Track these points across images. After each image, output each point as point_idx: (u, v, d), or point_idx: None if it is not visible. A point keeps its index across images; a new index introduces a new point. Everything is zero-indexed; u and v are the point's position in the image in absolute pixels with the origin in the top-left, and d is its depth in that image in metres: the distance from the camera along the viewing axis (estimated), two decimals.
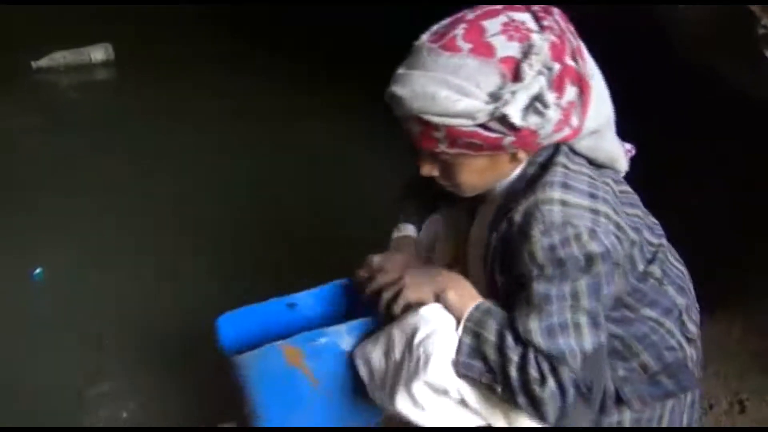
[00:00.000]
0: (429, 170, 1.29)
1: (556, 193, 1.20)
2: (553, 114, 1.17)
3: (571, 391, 1.17)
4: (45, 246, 2.46)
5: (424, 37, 1.22)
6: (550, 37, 1.17)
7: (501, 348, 1.20)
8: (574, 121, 1.21)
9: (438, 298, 1.30)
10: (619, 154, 1.32)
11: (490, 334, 1.22)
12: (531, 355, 1.18)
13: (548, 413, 1.18)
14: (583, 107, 1.20)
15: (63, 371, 1.99)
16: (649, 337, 1.28)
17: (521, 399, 1.19)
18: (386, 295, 1.35)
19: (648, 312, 1.29)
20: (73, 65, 3.81)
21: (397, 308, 1.33)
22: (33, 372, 1.99)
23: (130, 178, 2.87)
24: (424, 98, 1.17)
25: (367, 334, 1.43)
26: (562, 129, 1.20)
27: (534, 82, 1.15)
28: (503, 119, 1.15)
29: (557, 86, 1.17)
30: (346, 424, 1.55)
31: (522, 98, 1.15)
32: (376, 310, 1.39)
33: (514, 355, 1.19)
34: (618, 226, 1.23)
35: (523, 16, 1.20)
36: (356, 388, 1.50)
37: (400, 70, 1.21)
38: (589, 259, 1.18)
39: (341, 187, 2.80)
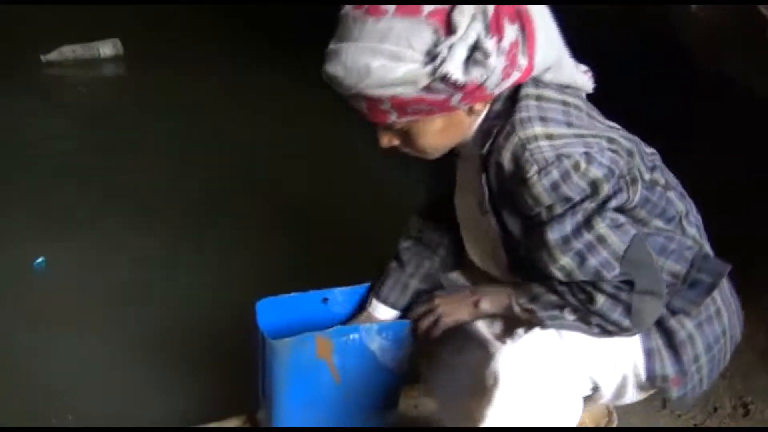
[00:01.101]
0: (388, 141, 1.25)
1: (538, 128, 1.15)
2: (496, 61, 1.10)
3: (621, 295, 1.20)
4: (47, 236, 2.45)
5: (348, 5, 1.14)
6: None
7: (554, 289, 1.23)
8: (522, 61, 1.14)
9: (474, 315, 1.35)
10: (580, 77, 1.26)
11: (539, 289, 1.25)
12: (573, 284, 1.21)
13: (619, 321, 1.22)
14: (528, 43, 1.14)
15: (61, 363, 1.97)
16: (667, 246, 1.24)
17: (593, 319, 1.23)
18: (425, 324, 1.40)
19: (659, 223, 1.26)
20: (82, 60, 3.82)
21: (437, 332, 1.39)
22: (31, 363, 1.97)
23: (136, 172, 2.86)
24: (358, 72, 1.11)
25: (400, 337, 1.47)
26: (511, 74, 1.14)
27: (469, 30, 1.08)
28: (445, 79, 1.09)
29: (495, 28, 1.10)
30: (358, 423, 1.57)
31: (460, 51, 1.08)
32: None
33: (562, 287, 1.23)
34: (610, 140, 1.19)
35: None
36: (375, 389, 1.55)
37: (330, 46, 1.14)
38: (594, 184, 1.15)
39: (358, 185, 2.79)
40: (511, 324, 1.30)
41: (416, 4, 1.10)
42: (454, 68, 1.09)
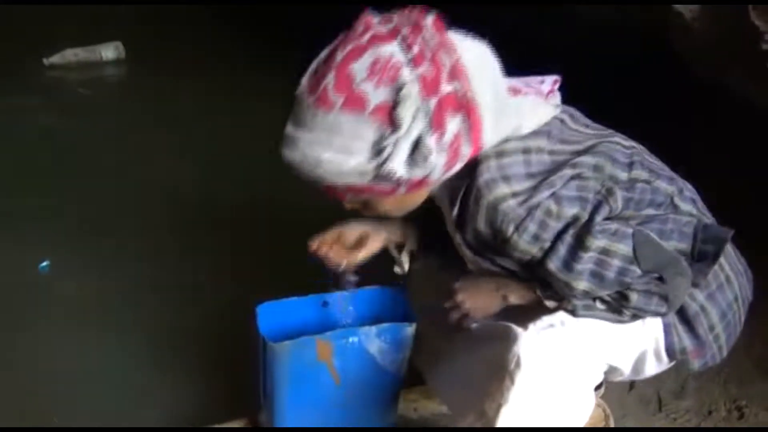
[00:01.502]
0: (351, 206, 1.31)
1: (503, 189, 1.19)
2: (437, 159, 1.15)
3: (653, 288, 1.22)
4: (50, 239, 2.46)
5: (304, 83, 1.20)
6: (420, 70, 1.14)
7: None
8: (465, 151, 1.19)
9: (502, 307, 1.36)
10: (542, 114, 1.27)
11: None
12: None
13: (657, 310, 1.24)
14: (472, 132, 1.18)
15: (63, 364, 1.98)
16: (664, 229, 1.25)
17: (627, 311, 1.25)
18: (453, 318, 1.41)
19: (649, 211, 1.27)
20: (84, 62, 3.84)
21: (469, 324, 1.41)
22: (32, 364, 1.97)
23: (138, 174, 2.87)
24: (311, 163, 1.18)
25: (399, 339, 1.49)
26: (454, 165, 1.20)
27: (412, 126, 1.13)
28: (389, 175, 1.15)
29: (437, 123, 1.14)
30: (358, 424, 1.59)
31: (404, 148, 1.14)
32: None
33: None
34: (572, 165, 1.22)
35: (390, 48, 1.15)
36: (374, 390, 1.57)
37: (288, 128, 1.21)
38: (572, 218, 1.19)
39: None
40: (529, 311, 1.32)
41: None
42: (398, 165, 1.14)
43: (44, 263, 2.36)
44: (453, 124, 1.16)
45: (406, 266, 1.54)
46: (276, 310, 1.55)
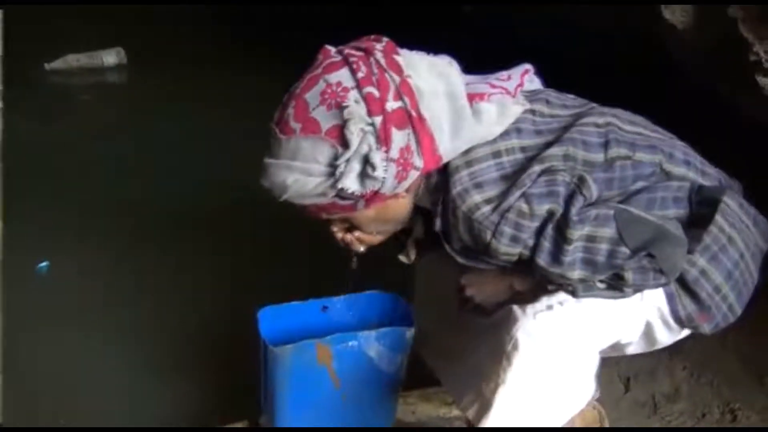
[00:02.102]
0: (338, 229, 1.37)
1: (476, 197, 1.23)
2: (384, 173, 1.20)
3: (646, 263, 1.22)
4: (51, 241, 2.48)
5: (275, 115, 1.29)
6: (365, 91, 1.20)
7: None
8: (417, 162, 1.23)
9: (510, 295, 1.37)
10: (511, 116, 1.28)
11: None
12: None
13: (656, 283, 1.25)
14: (422, 146, 1.22)
15: (64, 366, 1.99)
16: (653, 198, 1.27)
17: (627, 289, 1.25)
18: (467, 309, 1.44)
19: (637, 185, 1.28)
20: (85, 68, 3.86)
21: (480, 317, 1.41)
22: (33, 367, 1.98)
23: (138, 178, 2.89)
24: (279, 187, 1.25)
25: (397, 343, 1.51)
26: (407, 176, 1.24)
27: (362, 143, 1.19)
28: (343, 191, 1.21)
29: (383, 139, 1.20)
30: (357, 426, 1.61)
31: (355, 165, 1.20)
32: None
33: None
34: (540, 160, 1.23)
35: (340, 74, 1.23)
36: (373, 394, 1.59)
37: (264, 158, 1.29)
38: (547, 213, 1.21)
39: None
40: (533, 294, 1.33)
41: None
42: (351, 182, 1.21)
43: (43, 264, 2.37)
44: (400, 137, 1.21)
45: (413, 255, 1.55)
46: (277, 315, 1.57)
